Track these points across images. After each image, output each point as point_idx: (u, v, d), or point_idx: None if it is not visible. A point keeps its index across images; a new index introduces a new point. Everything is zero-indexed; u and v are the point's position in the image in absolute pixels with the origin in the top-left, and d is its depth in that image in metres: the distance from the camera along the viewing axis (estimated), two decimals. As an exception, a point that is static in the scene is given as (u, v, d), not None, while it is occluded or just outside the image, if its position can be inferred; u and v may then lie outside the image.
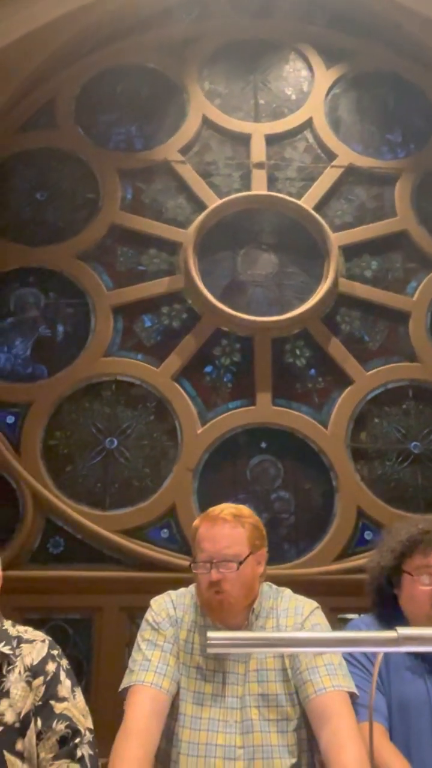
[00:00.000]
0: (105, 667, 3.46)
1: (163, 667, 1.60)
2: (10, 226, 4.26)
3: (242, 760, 1.52)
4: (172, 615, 1.71)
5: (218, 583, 1.59)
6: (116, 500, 3.80)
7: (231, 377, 4.04)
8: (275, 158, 4.46)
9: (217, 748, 1.54)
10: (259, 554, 1.69)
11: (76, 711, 1.56)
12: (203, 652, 1.65)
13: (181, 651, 1.65)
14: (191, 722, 1.58)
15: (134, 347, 4.08)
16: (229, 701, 1.59)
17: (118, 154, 4.45)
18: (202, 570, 1.62)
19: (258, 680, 1.60)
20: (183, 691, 1.62)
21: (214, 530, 1.64)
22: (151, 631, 1.68)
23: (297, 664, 1.61)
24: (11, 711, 1.49)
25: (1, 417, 3.91)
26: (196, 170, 4.40)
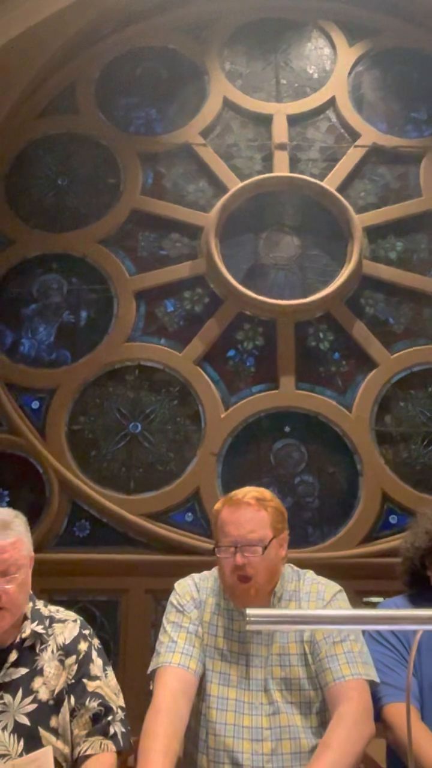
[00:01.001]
0: (131, 648, 3.50)
1: (189, 648, 1.62)
2: (32, 213, 4.28)
3: (269, 740, 1.53)
4: (196, 597, 1.72)
5: (243, 567, 1.59)
6: (140, 484, 3.83)
7: (254, 361, 4.03)
8: (297, 139, 4.40)
9: (244, 730, 1.55)
10: (282, 537, 1.68)
11: (108, 689, 1.59)
12: (227, 634, 1.66)
13: (205, 633, 1.67)
14: (218, 703, 1.59)
15: (157, 332, 4.08)
16: (253, 683, 1.60)
17: (139, 138, 4.43)
18: (226, 554, 1.62)
19: (281, 664, 1.61)
20: (209, 672, 1.63)
21: (238, 514, 1.63)
22: (176, 613, 1.69)
23: (317, 650, 1.61)
24: (45, 688, 1.52)
25: (26, 402, 3.96)
26: (218, 153, 4.36)
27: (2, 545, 1.52)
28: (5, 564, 1.51)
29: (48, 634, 1.60)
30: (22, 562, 1.56)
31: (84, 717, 1.53)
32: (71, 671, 1.56)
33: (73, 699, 1.54)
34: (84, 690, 1.55)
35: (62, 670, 1.56)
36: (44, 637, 1.59)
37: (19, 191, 4.33)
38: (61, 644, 1.60)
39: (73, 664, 1.57)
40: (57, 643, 1.60)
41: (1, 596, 1.49)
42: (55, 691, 1.53)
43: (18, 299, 4.13)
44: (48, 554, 3.60)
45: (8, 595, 1.50)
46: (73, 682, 1.55)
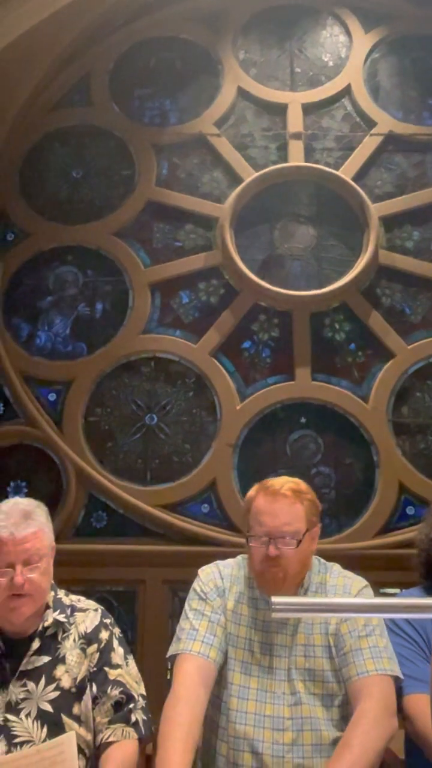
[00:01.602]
0: (149, 638, 3.53)
1: (210, 637, 1.61)
2: (47, 205, 4.29)
3: (291, 731, 1.53)
4: (220, 585, 1.71)
5: (275, 558, 1.58)
6: (157, 475, 3.84)
7: (269, 352, 4.02)
8: (312, 128, 4.36)
9: (265, 719, 1.55)
10: (315, 531, 1.68)
11: (129, 678, 1.61)
12: (251, 623, 1.66)
13: (228, 621, 1.66)
14: (239, 691, 1.59)
15: (172, 324, 4.08)
16: (276, 673, 1.60)
17: (153, 129, 4.41)
18: (258, 543, 1.61)
19: (305, 655, 1.60)
20: (231, 660, 1.63)
21: (275, 505, 1.62)
22: (199, 601, 1.69)
23: (341, 644, 1.60)
24: (67, 676, 1.54)
25: (43, 394, 3.98)
26: (232, 143, 4.33)
27: (24, 535, 1.53)
28: (27, 553, 1.53)
29: (70, 622, 1.62)
30: (44, 552, 1.58)
31: (106, 705, 1.55)
32: (93, 660, 1.58)
33: (95, 687, 1.55)
34: (106, 678, 1.57)
35: (84, 658, 1.57)
36: (66, 625, 1.61)
37: (34, 184, 4.34)
38: (83, 633, 1.61)
39: (95, 652, 1.59)
40: (79, 632, 1.61)
41: (24, 585, 1.51)
42: (77, 679, 1.54)
43: (34, 292, 4.15)
44: (65, 545, 3.61)
45: (31, 583, 1.52)
46: (95, 670, 1.57)
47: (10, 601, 1.51)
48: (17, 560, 1.51)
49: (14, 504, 1.60)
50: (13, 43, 4.01)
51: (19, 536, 1.52)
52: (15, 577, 1.49)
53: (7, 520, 1.54)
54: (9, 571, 1.50)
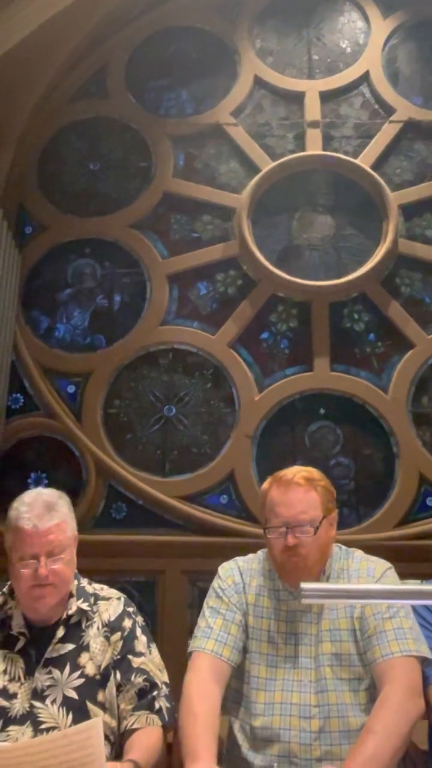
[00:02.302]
0: (168, 628, 3.55)
1: (224, 635, 1.63)
2: (64, 198, 4.30)
3: (318, 718, 1.53)
4: (238, 582, 1.72)
5: (295, 548, 1.58)
6: (175, 467, 3.86)
7: (288, 343, 4.00)
8: (330, 116, 4.32)
9: (292, 707, 1.55)
10: (332, 517, 1.68)
11: (153, 666, 1.62)
12: (274, 615, 1.66)
13: (250, 616, 1.67)
14: (265, 684, 1.60)
15: (190, 315, 4.08)
16: (302, 662, 1.60)
17: (170, 120, 4.40)
18: (276, 535, 1.61)
19: (331, 640, 1.60)
20: (254, 654, 1.63)
21: (288, 495, 1.62)
22: (216, 599, 1.71)
23: (365, 627, 1.60)
24: (92, 664, 1.55)
25: (62, 387, 4.01)
26: (249, 132, 4.30)
27: (48, 527, 1.54)
28: (51, 545, 1.54)
29: (93, 611, 1.63)
30: (67, 543, 1.59)
31: (130, 692, 1.56)
32: (116, 647, 1.59)
33: (119, 674, 1.57)
34: (129, 666, 1.58)
35: (108, 646, 1.59)
36: (90, 614, 1.62)
37: (51, 177, 4.35)
38: (106, 621, 1.63)
39: (118, 640, 1.60)
40: (102, 620, 1.63)
41: (48, 576, 1.52)
42: (101, 667, 1.56)
43: (52, 284, 4.17)
44: (85, 536, 3.58)
45: (55, 574, 1.54)
46: (119, 658, 1.58)
47: (35, 590, 1.52)
48: (41, 552, 1.52)
49: (37, 495, 1.61)
50: (29, 37, 4.01)
51: (43, 528, 1.54)
52: (39, 568, 1.51)
53: (31, 512, 1.55)
54: (33, 563, 1.52)
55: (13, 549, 1.55)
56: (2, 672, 1.52)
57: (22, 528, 1.53)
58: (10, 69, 3.98)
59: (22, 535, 1.53)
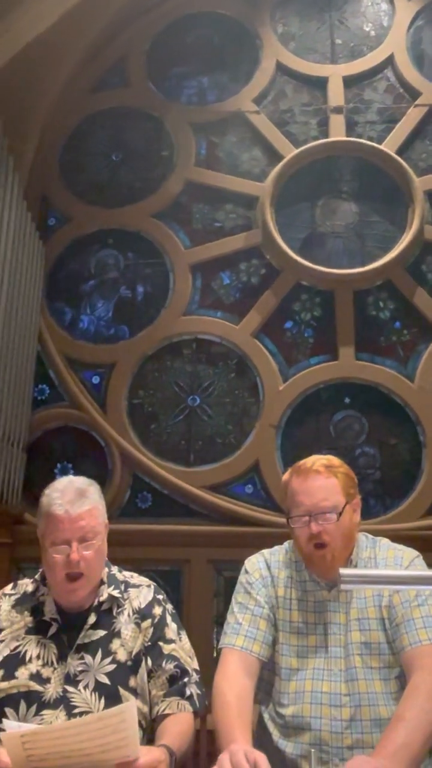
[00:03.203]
0: (194, 617, 3.57)
1: (253, 630, 1.63)
2: (87, 189, 4.31)
3: (348, 706, 1.53)
4: (266, 575, 1.71)
5: (319, 535, 1.57)
6: (200, 457, 3.86)
7: (312, 332, 3.97)
8: (354, 101, 4.25)
9: (322, 695, 1.55)
10: (355, 503, 1.66)
11: (183, 652, 1.62)
12: (302, 606, 1.66)
13: (279, 608, 1.67)
14: (296, 674, 1.60)
15: (213, 305, 4.07)
16: (332, 651, 1.59)
17: (191, 108, 4.38)
18: (300, 524, 1.60)
19: (360, 628, 1.60)
20: (284, 646, 1.63)
21: (308, 483, 1.61)
22: (244, 594, 1.70)
23: (394, 615, 1.59)
24: (123, 650, 1.56)
25: (86, 377, 4.03)
26: (271, 119, 4.26)
27: (79, 513, 1.55)
28: (83, 531, 1.55)
29: (124, 598, 1.64)
30: (99, 529, 1.60)
31: (161, 678, 1.57)
32: (147, 634, 1.60)
33: (150, 661, 1.57)
34: (160, 653, 1.59)
35: (138, 632, 1.60)
36: (120, 600, 1.63)
37: (74, 168, 4.37)
38: (137, 608, 1.63)
39: (149, 627, 1.61)
40: (133, 607, 1.63)
41: (80, 562, 1.53)
42: (132, 653, 1.57)
43: (76, 276, 4.19)
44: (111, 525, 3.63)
45: (86, 560, 1.54)
46: (150, 644, 1.59)
47: (68, 584, 1.54)
48: (73, 537, 1.53)
49: (69, 482, 1.62)
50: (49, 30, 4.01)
51: (75, 514, 1.54)
52: (71, 554, 1.52)
53: (63, 498, 1.56)
54: (65, 548, 1.53)
55: (46, 535, 1.56)
56: (36, 657, 1.54)
57: (54, 514, 1.54)
58: (30, 62, 3.99)
59: (55, 520, 1.54)
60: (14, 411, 3.60)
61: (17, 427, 3.65)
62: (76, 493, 1.57)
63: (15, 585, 1.70)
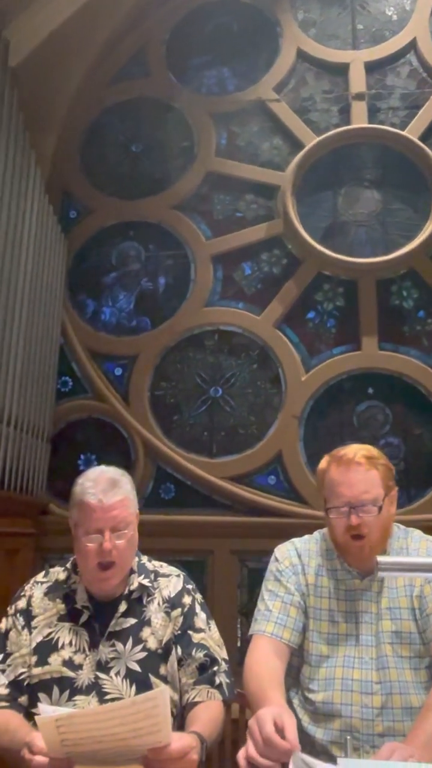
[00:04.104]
0: (217, 607, 3.56)
1: (283, 618, 1.63)
2: (108, 181, 4.31)
3: (380, 694, 1.53)
4: (296, 563, 1.71)
5: (358, 527, 1.57)
6: (223, 448, 3.87)
7: (334, 322, 3.94)
8: (376, 87, 4.19)
9: (353, 683, 1.55)
10: (392, 495, 1.65)
11: (212, 642, 1.64)
12: (333, 594, 1.66)
13: (310, 596, 1.67)
14: (326, 661, 1.60)
15: (235, 296, 4.06)
16: (363, 639, 1.59)
17: (211, 98, 4.35)
18: (338, 515, 1.60)
19: (391, 618, 1.60)
20: (314, 633, 1.63)
21: (350, 475, 1.59)
22: (274, 582, 1.71)
23: (424, 606, 1.59)
24: (153, 638, 1.58)
25: (109, 369, 4.06)
26: (292, 108, 4.22)
27: (112, 503, 1.56)
28: (115, 520, 1.56)
29: (154, 587, 1.66)
30: (130, 519, 1.61)
31: (191, 666, 1.58)
32: (177, 623, 1.61)
33: (180, 649, 1.59)
34: (190, 641, 1.60)
35: (168, 621, 1.61)
36: (150, 589, 1.65)
37: (94, 160, 4.37)
38: (167, 597, 1.65)
39: (179, 616, 1.62)
40: (162, 596, 1.65)
41: (112, 551, 1.54)
42: (162, 641, 1.58)
43: (98, 268, 4.21)
44: (135, 516, 3.70)
45: (118, 550, 1.56)
46: (179, 633, 1.60)
47: (100, 573, 1.55)
48: (105, 526, 1.55)
49: (101, 472, 1.63)
50: (68, 21, 4.02)
51: (107, 503, 1.56)
52: (104, 543, 1.53)
53: (95, 488, 1.57)
54: (98, 537, 1.54)
55: (78, 524, 1.58)
56: (68, 644, 1.56)
57: (87, 503, 1.56)
58: (50, 56, 4.00)
59: (88, 510, 1.55)
60: (38, 403, 3.64)
61: (41, 419, 3.69)
62: (109, 482, 1.59)
63: (46, 573, 1.72)
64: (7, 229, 3.22)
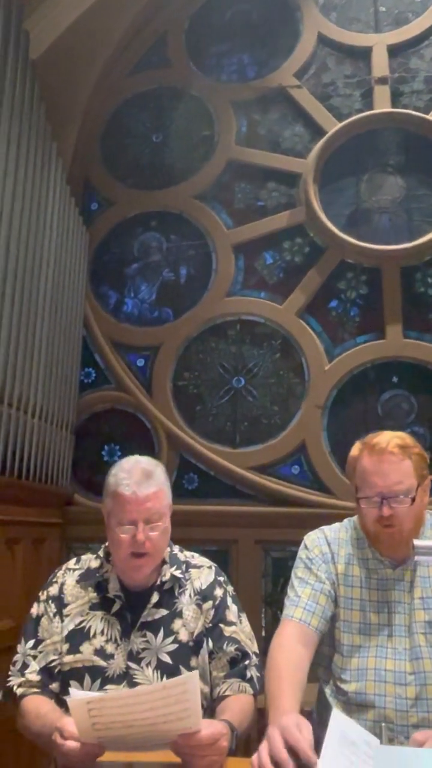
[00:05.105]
0: (242, 598, 3.51)
1: (312, 605, 1.62)
2: (129, 172, 4.31)
3: (414, 685, 1.52)
4: (326, 552, 1.70)
5: (389, 518, 1.55)
6: (246, 438, 3.86)
7: (358, 311, 3.90)
8: (399, 70, 4.11)
9: (386, 673, 1.54)
10: (425, 484, 1.62)
11: (244, 635, 1.63)
12: (364, 583, 1.64)
13: (340, 585, 1.65)
14: (358, 651, 1.59)
15: (257, 285, 4.03)
16: (396, 629, 1.58)
17: (231, 86, 4.31)
18: (369, 505, 1.58)
19: (424, 608, 1.58)
20: (345, 623, 1.62)
21: (383, 465, 1.57)
22: (304, 569, 1.69)
23: None
24: (185, 630, 1.58)
25: (132, 360, 4.07)
26: (314, 93, 4.16)
27: (146, 494, 1.55)
28: (149, 512, 1.55)
29: (185, 578, 1.65)
30: (164, 511, 1.61)
31: (222, 660, 1.58)
32: (208, 616, 1.61)
33: (211, 642, 1.59)
34: (221, 634, 1.60)
35: (200, 613, 1.61)
36: (182, 581, 1.65)
37: (115, 152, 4.37)
38: (198, 589, 1.65)
39: (210, 609, 1.62)
40: (194, 588, 1.65)
41: (145, 543, 1.54)
42: (194, 633, 1.58)
43: (120, 259, 4.21)
44: (160, 506, 3.71)
45: (151, 541, 1.55)
46: (211, 626, 1.60)
47: (133, 560, 1.55)
48: (139, 518, 1.54)
49: (135, 462, 1.62)
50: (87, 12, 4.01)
51: (142, 495, 1.55)
52: (137, 534, 1.53)
53: (130, 479, 1.56)
54: (131, 529, 1.54)
55: (112, 514, 1.58)
56: (100, 633, 1.57)
57: (121, 494, 1.56)
58: (69, 47, 4.00)
59: (122, 501, 1.55)
60: (62, 395, 3.67)
61: (65, 410, 3.72)
62: (143, 474, 1.58)
63: (78, 560, 1.72)
64: (29, 222, 3.24)
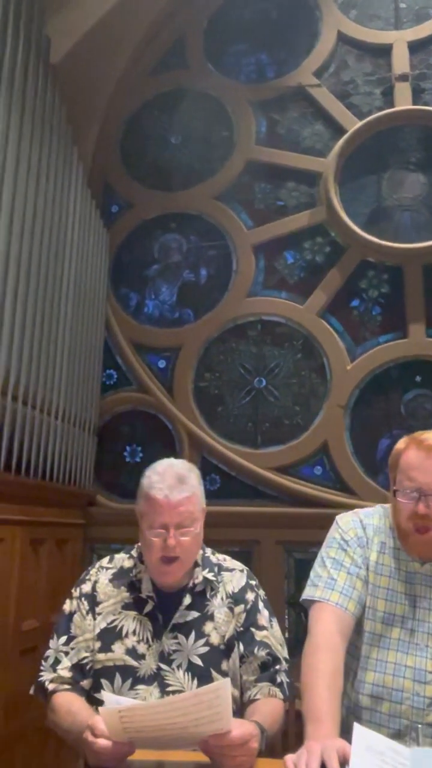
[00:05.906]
0: (265, 597, 3.57)
1: (349, 589, 1.57)
2: (148, 174, 4.32)
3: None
4: (361, 536, 1.66)
5: (425, 516, 1.53)
6: (268, 438, 3.85)
7: (380, 310, 3.87)
8: (420, 67, 4.08)
9: (406, 669, 1.52)
10: None
11: (274, 640, 1.62)
12: (393, 574, 1.61)
13: (371, 572, 1.62)
14: (380, 641, 1.56)
15: (277, 285, 4.02)
16: (418, 625, 1.55)
17: (250, 86, 4.30)
18: (406, 499, 1.55)
19: None
20: (371, 610, 1.59)
21: (428, 462, 1.54)
22: (338, 550, 1.64)
23: None
24: (216, 633, 1.58)
25: (153, 362, 4.08)
26: (333, 92, 4.14)
27: (179, 499, 1.55)
28: (181, 517, 1.54)
29: (218, 581, 1.65)
30: (196, 516, 1.60)
31: (253, 664, 1.57)
32: (240, 619, 1.60)
33: (242, 646, 1.58)
34: (252, 639, 1.59)
35: (231, 617, 1.60)
36: (214, 584, 1.64)
37: (134, 153, 4.38)
38: (230, 592, 1.64)
39: (242, 612, 1.61)
40: (226, 591, 1.64)
41: (176, 548, 1.53)
42: (225, 637, 1.57)
43: (140, 261, 4.22)
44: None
45: (182, 546, 1.54)
46: (242, 630, 1.59)
47: (163, 565, 1.55)
48: (171, 522, 1.53)
49: (169, 466, 1.61)
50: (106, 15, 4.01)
51: (174, 500, 1.54)
52: (168, 539, 1.52)
53: (163, 483, 1.56)
54: (162, 532, 1.53)
55: (144, 517, 1.58)
56: (132, 632, 1.57)
57: (154, 497, 1.55)
58: (90, 50, 4.01)
59: (154, 504, 1.55)
60: (84, 396, 3.69)
61: (87, 412, 3.74)
62: (176, 478, 1.57)
63: (111, 559, 1.73)
64: (51, 225, 3.26)
